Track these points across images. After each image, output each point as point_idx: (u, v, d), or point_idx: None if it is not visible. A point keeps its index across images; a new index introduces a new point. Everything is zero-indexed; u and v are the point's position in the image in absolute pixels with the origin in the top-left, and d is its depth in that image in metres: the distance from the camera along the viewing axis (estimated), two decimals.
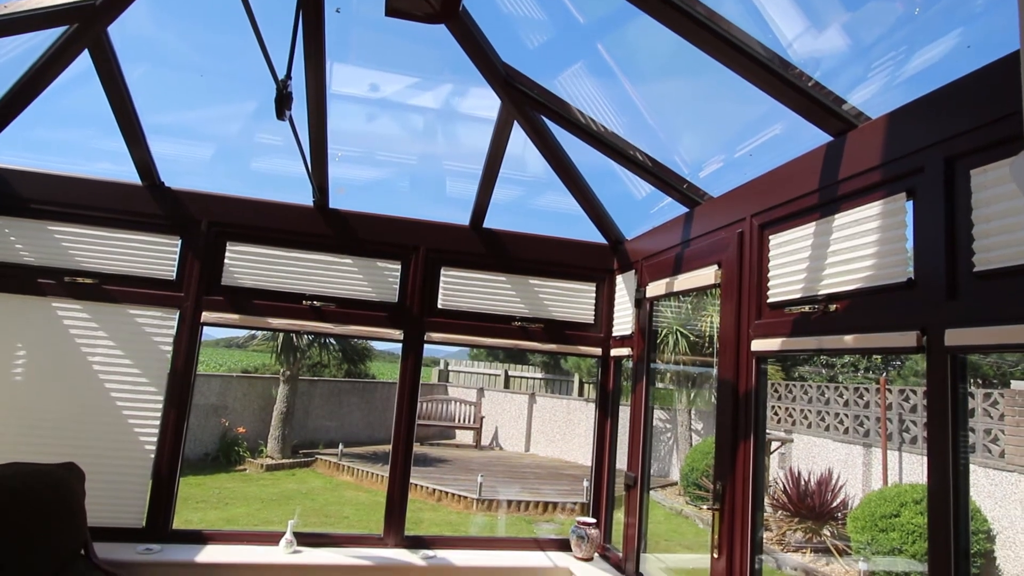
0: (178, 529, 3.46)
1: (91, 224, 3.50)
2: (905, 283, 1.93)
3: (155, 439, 3.45)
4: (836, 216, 2.24)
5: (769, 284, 2.58)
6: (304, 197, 3.75)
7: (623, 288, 3.99)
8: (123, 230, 3.54)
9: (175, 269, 3.58)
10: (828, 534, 8.39)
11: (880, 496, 7.58)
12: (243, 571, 3.31)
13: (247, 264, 3.68)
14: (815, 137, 2.43)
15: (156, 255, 3.57)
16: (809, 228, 2.37)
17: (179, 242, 3.60)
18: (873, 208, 2.08)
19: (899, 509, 7.15)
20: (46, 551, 2.79)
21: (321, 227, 3.76)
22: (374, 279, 3.83)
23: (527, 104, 3.23)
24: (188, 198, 3.62)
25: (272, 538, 3.55)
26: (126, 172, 3.54)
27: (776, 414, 12.00)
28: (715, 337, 11.90)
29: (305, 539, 3.58)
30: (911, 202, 1.96)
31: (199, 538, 3.49)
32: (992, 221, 1.69)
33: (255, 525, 8.44)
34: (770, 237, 2.61)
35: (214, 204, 3.65)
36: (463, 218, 3.98)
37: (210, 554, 3.34)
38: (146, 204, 3.56)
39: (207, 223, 3.62)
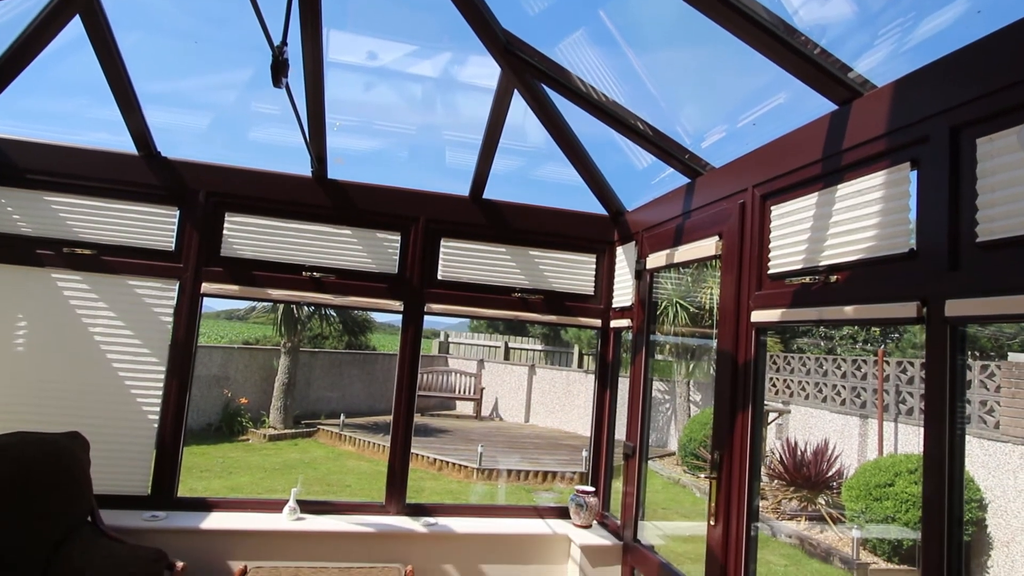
0: (183, 497, 3.52)
1: (88, 194, 3.47)
2: (907, 254, 1.93)
3: (158, 409, 3.48)
4: (839, 186, 2.22)
5: (770, 255, 2.57)
6: (303, 167, 3.71)
7: (623, 259, 3.98)
8: (121, 200, 3.51)
9: (174, 240, 3.57)
10: (823, 503, 8.53)
11: (875, 466, 7.68)
12: (248, 537, 3.37)
13: (246, 235, 3.66)
14: (819, 107, 2.40)
15: (154, 226, 3.55)
16: (811, 199, 2.35)
17: (177, 213, 3.58)
18: (877, 178, 2.06)
19: (893, 479, 7.25)
20: (53, 517, 2.84)
21: (320, 198, 3.74)
22: (374, 250, 3.81)
23: (527, 72, 3.18)
24: (185, 168, 3.59)
25: (276, 506, 3.61)
26: (122, 142, 3.51)
27: (774, 386, 12.10)
28: (715, 309, 11.93)
29: (308, 507, 3.63)
30: (915, 172, 1.94)
31: (204, 505, 3.54)
32: (997, 191, 1.67)
33: (259, 493, 8.57)
34: (772, 208, 2.59)
35: (212, 174, 3.62)
36: (463, 189, 3.96)
37: (215, 521, 3.40)
38: (143, 174, 3.53)
39: (205, 193, 3.59)
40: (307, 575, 3.21)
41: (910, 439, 8.91)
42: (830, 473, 8.76)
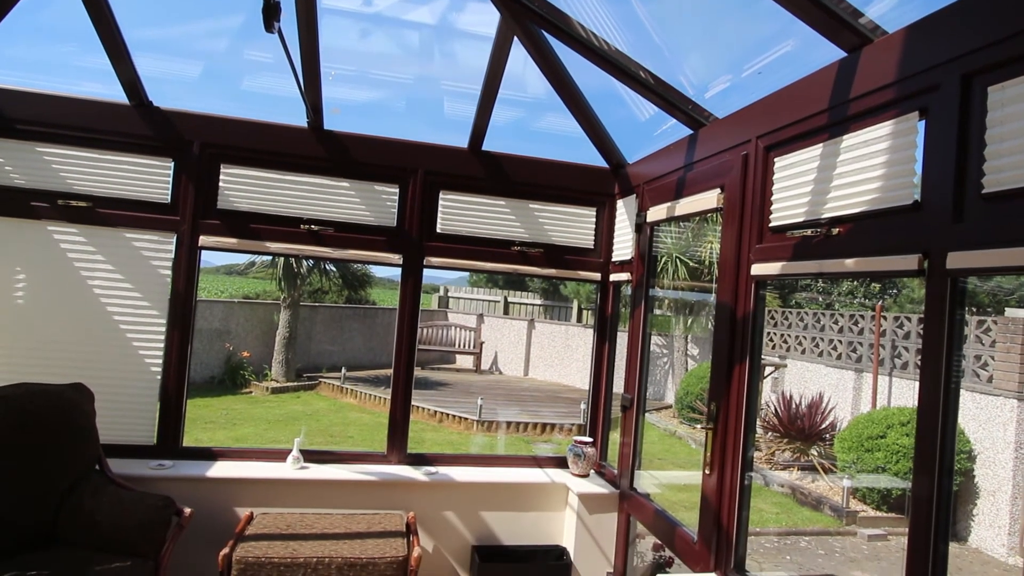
0: (188, 446, 3.58)
1: (81, 145, 3.42)
2: (911, 206, 1.90)
3: (160, 360, 3.51)
4: (845, 137, 2.18)
5: (772, 208, 2.54)
6: (298, 118, 3.64)
7: (624, 213, 3.95)
8: (114, 152, 3.46)
9: (169, 192, 3.53)
10: (815, 454, 8.72)
11: (868, 418, 7.82)
12: (253, 485, 3.45)
13: (242, 187, 3.62)
14: (828, 55, 2.33)
15: (149, 178, 3.51)
16: (816, 150, 2.31)
17: (172, 164, 3.53)
18: (884, 128, 2.02)
19: (885, 431, 7.40)
20: (61, 465, 2.90)
21: (317, 149, 3.68)
22: (372, 203, 3.78)
23: (527, 17, 3.08)
24: (179, 119, 3.52)
25: (280, 455, 3.68)
26: (113, 92, 3.43)
27: (771, 340, 12.20)
28: (714, 264, 11.92)
29: (311, 456, 3.71)
30: (923, 122, 1.90)
31: (209, 455, 3.61)
32: (1006, 141, 1.64)
33: (262, 444, 8.75)
34: (775, 159, 2.55)
35: (206, 125, 3.56)
36: (462, 141, 3.89)
37: (220, 469, 3.47)
38: (136, 125, 3.46)
39: (199, 145, 3.53)
40: (312, 521, 3.30)
41: (904, 393, 9.05)
42: (823, 425, 8.93)
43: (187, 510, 2.93)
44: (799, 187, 2.38)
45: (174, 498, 2.90)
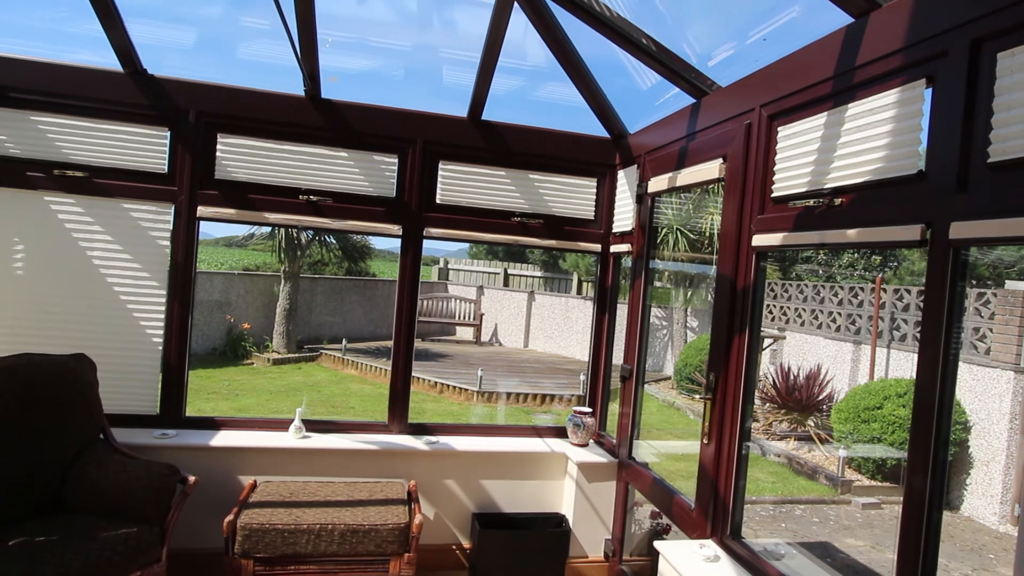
0: (191, 416, 3.61)
1: (76, 114, 3.37)
2: (915, 175, 1.88)
3: (161, 331, 3.52)
4: (850, 105, 2.15)
5: (774, 178, 2.52)
6: (295, 87, 3.59)
7: (624, 183, 3.92)
8: (109, 120, 3.41)
9: (166, 162, 3.49)
10: (812, 424, 8.81)
11: (865, 390, 7.88)
12: (256, 454, 3.49)
13: (240, 157, 3.58)
14: (833, 21, 2.28)
15: (145, 147, 3.47)
16: (820, 118, 2.28)
17: (168, 134, 3.49)
18: (889, 96, 1.99)
19: (882, 402, 7.46)
20: (66, 434, 2.93)
21: (314, 118, 3.63)
22: (371, 173, 3.74)
23: None
24: (174, 87, 3.47)
25: (282, 424, 3.71)
26: (106, 60, 3.37)
27: (770, 312, 12.22)
28: (715, 236, 11.88)
29: (313, 426, 3.74)
30: (930, 90, 1.87)
31: (212, 424, 3.65)
32: (1014, 109, 1.61)
33: (265, 414, 8.83)
34: (779, 129, 2.52)
35: (201, 93, 3.50)
36: (461, 110, 3.84)
37: (224, 439, 3.51)
38: (130, 93, 3.41)
39: (195, 113, 3.49)
40: (315, 489, 3.34)
41: (901, 364, 9.10)
42: (821, 397, 9.00)
43: (192, 478, 2.97)
44: (802, 157, 2.36)
45: (178, 467, 2.93)
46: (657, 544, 2.69)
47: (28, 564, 2.31)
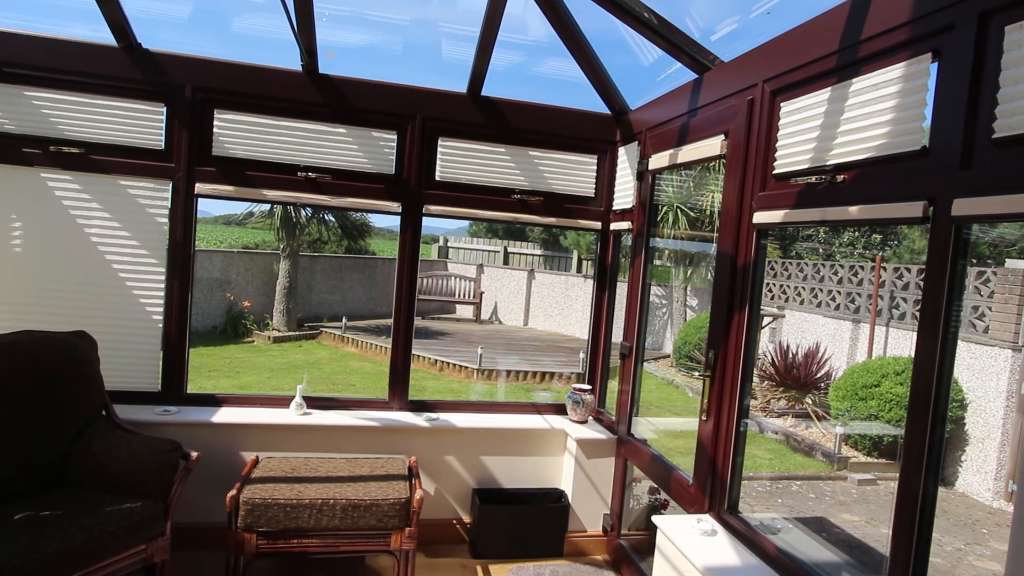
0: (193, 393, 3.63)
1: (70, 90, 3.33)
2: (919, 152, 1.87)
3: (161, 308, 3.52)
4: (854, 80, 2.12)
5: (776, 154, 2.50)
6: (293, 62, 3.54)
7: (625, 160, 3.89)
8: (104, 96, 3.37)
9: (163, 138, 3.46)
10: (810, 402, 8.87)
11: (863, 368, 7.91)
12: (258, 430, 3.52)
13: (237, 133, 3.55)
14: None
15: (142, 123, 3.43)
16: (824, 94, 2.26)
17: (164, 110, 3.45)
18: (894, 71, 1.96)
19: (880, 380, 7.50)
20: (68, 410, 2.94)
21: (312, 94, 3.59)
22: (370, 150, 3.71)
23: None
24: (169, 61, 3.42)
25: (283, 401, 3.73)
26: (100, 34, 3.31)
27: (770, 291, 12.23)
28: (715, 214, 11.83)
29: (314, 403, 3.77)
30: (936, 64, 1.85)
31: (213, 401, 3.67)
32: (1021, 83, 1.59)
33: (266, 392, 8.88)
34: (782, 104, 2.49)
35: (197, 68, 3.46)
36: (460, 85, 3.79)
37: (225, 415, 3.53)
38: (125, 68, 3.36)
39: (191, 89, 3.45)
40: (316, 465, 3.37)
41: (900, 343, 9.13)
42: (819, 375, 9.05)
43: (194, 454, 2.99)
44: (805, 133, 2.34)
45: (180, 443, 2.95)
46: (655, 519, 2.73)
47: (33, 538, 2.34)
